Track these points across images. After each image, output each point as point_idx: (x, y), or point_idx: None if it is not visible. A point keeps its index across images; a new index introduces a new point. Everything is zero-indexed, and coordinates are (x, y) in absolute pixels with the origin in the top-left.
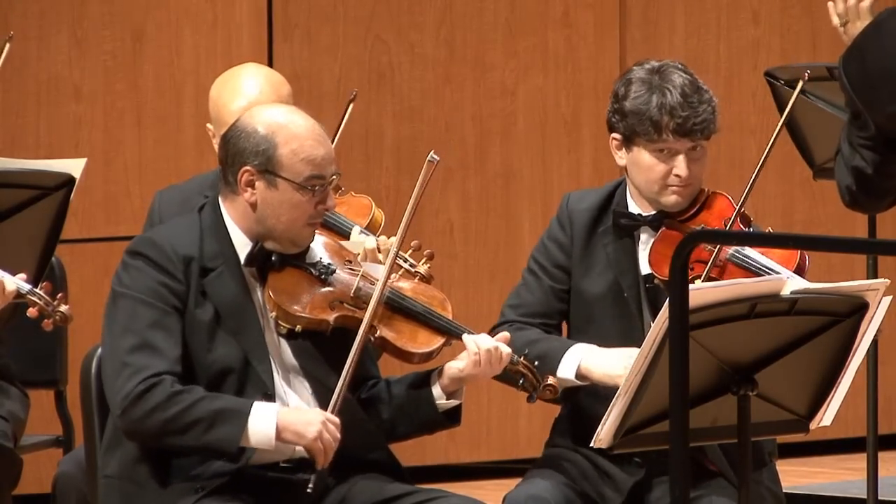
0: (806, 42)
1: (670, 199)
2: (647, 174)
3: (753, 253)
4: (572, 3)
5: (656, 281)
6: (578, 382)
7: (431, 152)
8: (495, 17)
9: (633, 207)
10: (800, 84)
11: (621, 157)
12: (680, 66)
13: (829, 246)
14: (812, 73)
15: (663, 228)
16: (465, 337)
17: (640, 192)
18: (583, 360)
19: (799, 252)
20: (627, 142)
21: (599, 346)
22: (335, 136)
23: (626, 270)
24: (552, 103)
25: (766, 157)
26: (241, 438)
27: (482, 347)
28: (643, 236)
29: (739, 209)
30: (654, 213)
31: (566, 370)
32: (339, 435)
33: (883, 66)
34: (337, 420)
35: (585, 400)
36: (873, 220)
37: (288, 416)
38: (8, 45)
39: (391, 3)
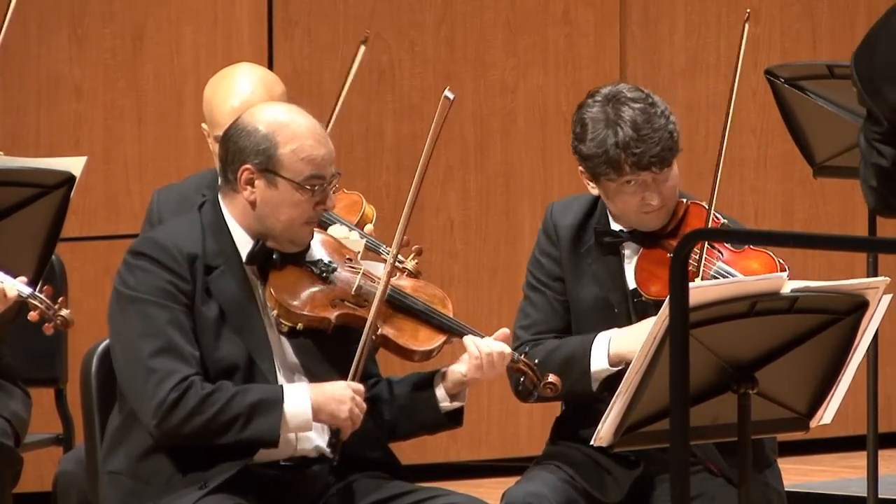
0: (806, 40)
1: (649, 224)
2: (621, 207)
3: (734, 270)
4: (572, 2)
5: (644, 298)
6: (615, 369)
7: (447, 89)
8: (495, 16)
9: (614, 224)
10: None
11: (594, 188)
12: (631, 93)
13: (829, 244)
14: (813, 71)
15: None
16: (466, 340)
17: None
18: (612, 345)
19: (779, 265)
20: (594, 179)
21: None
22: (345, 82)
23: (613, 287)
24: (552, 101)
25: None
26: (279, 427)
27: (483, 351)
28: (627, 251)
29: (710, 213)
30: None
31: (598, 361)
32: (364, 404)
33: (889, 59)
34: (361, 388)
35: (585, 399)
36: (873, 219)
37: (320, 395)
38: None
39: (391, 2)
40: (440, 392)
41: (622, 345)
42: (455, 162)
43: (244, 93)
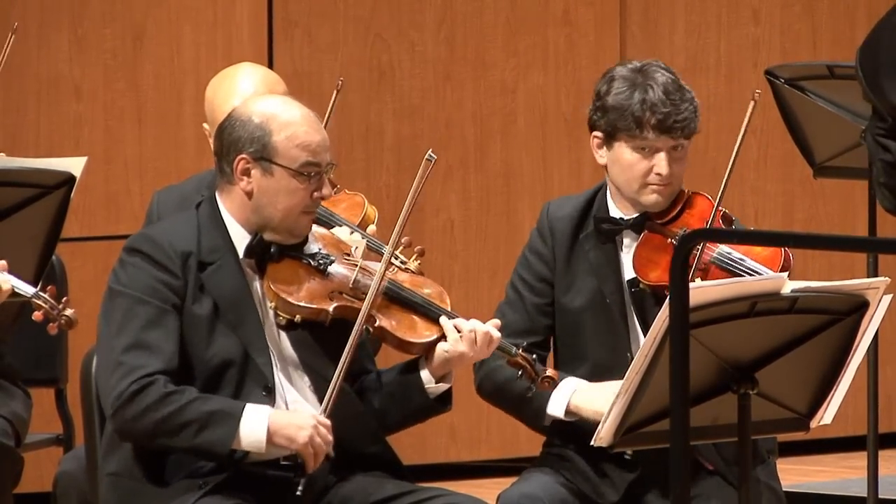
0: (806, 40)
1: (650, 198)
2: (628, 172)
3: (737, 255)
4: (572, 2)
5: (642, 286)
6: (567, 419)
7: (429, 151)
8: (495, 16)
9: (615, 211)
10: (751, 105)
11: (602, 156)
12: (663, 65)
13: (829, 244)
14: (813, 72)
15: (645, 232)
16: (442, 320)
17: (620, 192)
18: (572, 398)
19: (783, 252)
20: (609, 139)
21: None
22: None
23: (608, 276)
24: (552, 102)
25: (735, 157)
26: (232, 441)
27: (464, 328)
28: (625, 240)
29: (717, 208)
30: (635, 216)
31: (556, 406)
32: (330, 438)
33: (893, 57)
34: (328, 422)
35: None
36: (873, 219)
37: (279, 419)
38: (12, 37)
39: (391, 2)
40: (425, 374)
41: (582, 400)
42: (455, 162)
43: (246, 92)
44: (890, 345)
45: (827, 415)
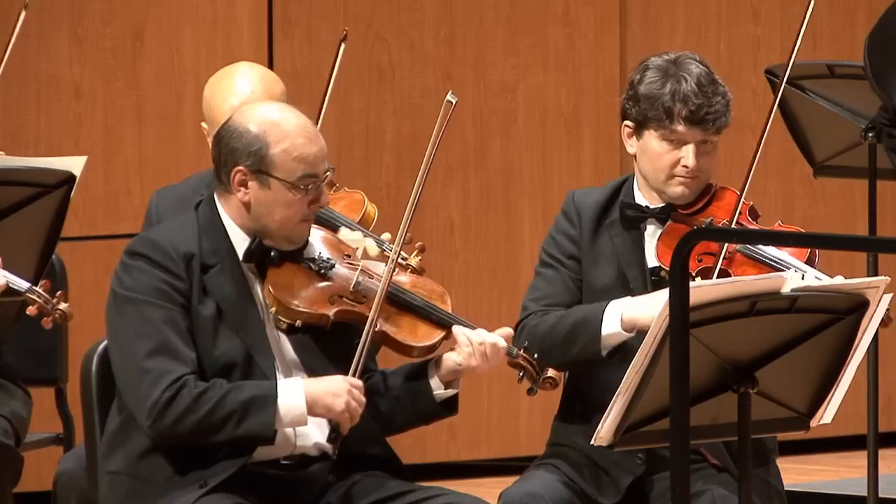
0: (806, 39)
1: (676, 189)
2: (656, 162)
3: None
4: (572, 2)
5: (663, 273)
6: (627, 335)
7: (449, 93)
8: (496, 15)
9: (641, 200)
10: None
11: (632, 146)
12: (698, 58)
13: (829, 243)
14: (813, 71)
15: (670, 221)
16: (455, 329)
17: (647, 182)
18: (625, 311)
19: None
20: (639, 128)
21: None
22: (329, 81)
23: (632, 263)
24: (552, 101)
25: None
26: (274, 423)
27: (474, 341)
28: (650, 228)
29: (738, 205)
30: (661, 205)
31: (611, 325)
32: (363, 398)
33: None
34: (360, 383)
35: (585, 398)
36: (873, 218)
37: (315, 389)
38: (23, 13)
39: (391, 2)
40: (434, 381)
41: (636, 310)
42: (455, 162)
43: (244, 92)
44: (890, 344)
45: (827, 414)
